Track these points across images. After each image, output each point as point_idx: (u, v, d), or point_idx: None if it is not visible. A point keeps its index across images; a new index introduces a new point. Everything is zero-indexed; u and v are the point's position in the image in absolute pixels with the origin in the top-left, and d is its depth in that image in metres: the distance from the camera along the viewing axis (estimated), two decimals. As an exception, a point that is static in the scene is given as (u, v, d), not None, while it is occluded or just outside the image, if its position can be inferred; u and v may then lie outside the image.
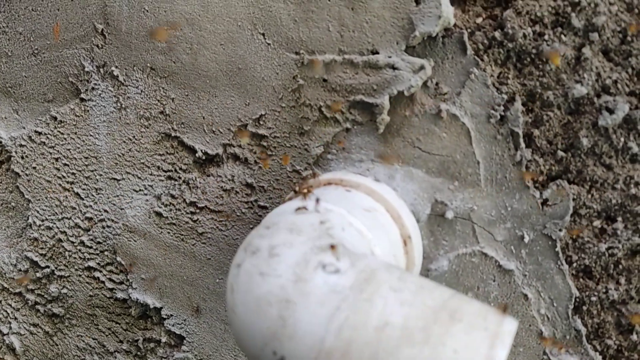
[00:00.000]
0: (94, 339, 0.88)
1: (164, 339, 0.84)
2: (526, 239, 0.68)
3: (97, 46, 0.79)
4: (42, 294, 0.89)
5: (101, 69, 0.80)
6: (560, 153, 0.65)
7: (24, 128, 0.86)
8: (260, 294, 0.48)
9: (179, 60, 0.76)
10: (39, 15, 0.82)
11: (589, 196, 0.66)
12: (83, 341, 0.89)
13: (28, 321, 0.91)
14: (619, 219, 0.65)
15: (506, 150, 0.66)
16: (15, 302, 0.91)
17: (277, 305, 0.47)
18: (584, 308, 0.68)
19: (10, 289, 0.90)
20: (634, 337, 0.67)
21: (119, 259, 0.83)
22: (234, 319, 0.50)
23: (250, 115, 0.75)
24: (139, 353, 0.86)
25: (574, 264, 0.67)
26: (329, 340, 0.44)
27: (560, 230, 0.66)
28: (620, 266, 0.66)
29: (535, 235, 0.67)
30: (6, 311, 0.92)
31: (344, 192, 0.63)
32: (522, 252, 0.68)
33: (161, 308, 0.83)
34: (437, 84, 0.67)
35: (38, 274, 0.88)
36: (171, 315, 0.82)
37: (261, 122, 0.75)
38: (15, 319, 0.92)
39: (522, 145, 0.65)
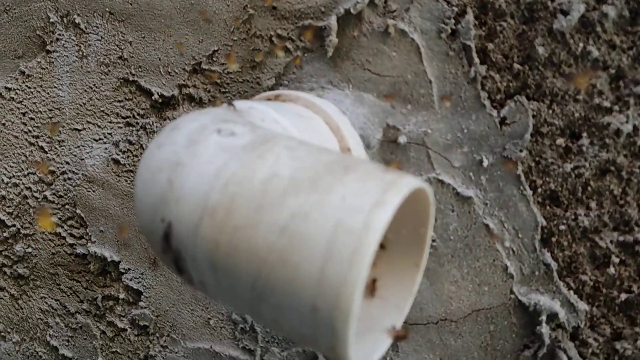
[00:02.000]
0: (56, 300, 0.84)
1: (122, 295, 0.79)
2: (485, 163, 0.61)
3: (61, -4, 0.79)
4: (9, 255, 0.86)
5: (64, 19, 0.79)
6: (517, 66, 0.59)
7: (-4, 86, 0.86)
8: (154, 163, 0.43)
9: (134, 1, 0.75)
10: (9, -29, 0.82)
11: (550, 112, 0.59)
12: (46, 303, 0.85)
13: (-5, 285, 0.88)
14: (584, 134, 0.58)
15: (459, 68, 0.61)
16: (-16, 265, 0.88)
17: (167, 169, 0.42)
18: (553, 240, 0.61)
19: (-21, 252, 0.88)
20: (611, 270, 0.59)
21: (78, 211, 0.80)
22: (135, 203, 0.46)
23: (203, 53, 0.72)
24: (98, 312, 0.82)
25: (539, 190, 0.61)
26: (213, 197, 0.39)
27: (520, 151, 0.60)
28: (590, 188, 0.59)
29: (495, 158, 0.61)
30: (-25, 275, 0.89)
31: (279, 103, 0.58)
32: (481, 178, 0.62)
33: (119, 262, 0.79)
34: (385, 1, 0.63)
35: (5, 234, 0.86)
36: (129, 269, 0.78)
37: (214, 58, 0.72)
38: (-16, 283, 0.89)
39: (476, 60, 0.60)
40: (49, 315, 0.85)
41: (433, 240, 0.64)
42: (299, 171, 0.39)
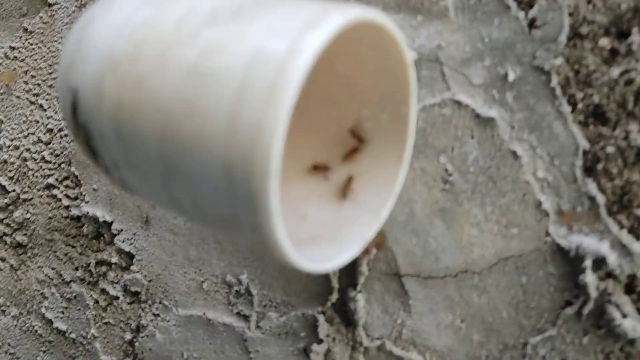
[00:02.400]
0: (52, 268, 0.78)
1: (114, 260, 0.72)
2: (511, 77, 0.50)
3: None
4: (9, 222, 0.81)
5: (64, -33, 0.75)
6: (548, -43, 0.48)
7: (2, 47, 0.82)
8: (69, 34, 0.36)
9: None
10: None
11: (591, 6, 0.48)
12: (43, 272, 0.79)
13: (-4, 256, 0.83)
14: (634, 29, 0.46)
15: (478, -34, 0.51)
16: (-13, 235, 0.84)
17: (78, 30, 0.34)
18: (599, 166, 0.48)
19: (-17, 221, 0.84)
20: (676, 201, 0.46)
21: (73, 169, 0.74)
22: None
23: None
24: (91, 279, 0.74)
25: (579, 105, 0.49)
26: (118, 47, 0.31)
27: (555, 57, 0.48)
28: (644, 97, 0.46)
29: (523, 70, 0.50)
30: (-21, 246, 0.85)
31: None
32: (507, 95, 0.51)
33: (112, 222, 0.71)
34: None
35: (6, 200, 0.81)
36: (121, 230, 0.71)
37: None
38: (-14, 254, 0.84)
39: (498, -46, 0.50)
40: (45, 285, 0.79)
41: (449, 174, 0.52)
42: (222, 2, 0.30)
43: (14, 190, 0.80)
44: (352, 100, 0.38)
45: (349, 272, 0.57)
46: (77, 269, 0.75)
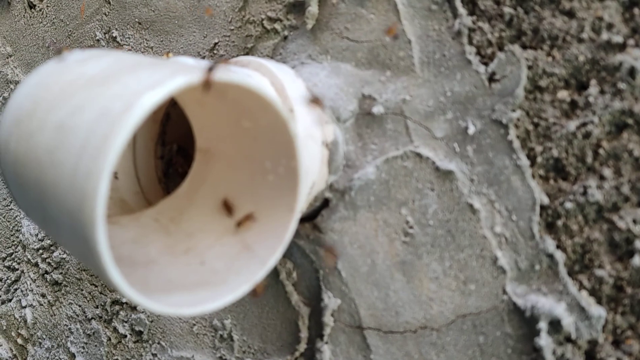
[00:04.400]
0: (79, 305, 0.81)
1: (125, 299, 0.74)
2: (471, 131, 0.48)
3: (105, 14, 0.82)
4: (50, 262, 0.86)
5: (106, 34, 0.82)
6: (509, 11, 0.47)
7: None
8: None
9: (156, 7, 0.74)
10: (72, 0, 0.88)
11: (550, 59, 0.45)
12: (71, 308, 0.83)
13: (39, 292, 0.88)
14: (592, 81, 0.43)
15: (443, 22, 0.50)
16: (33, 273, 0.90)
17: (8, 90, 0.37)
18: (559, 222, 0.44)
19: (31, 260, 0.90)
20: (638, 261, 0.41)
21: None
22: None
23: (206, 47, 0.69)
24: (107, 317, 0.77)
25: (538, 158, 0.45)
26: (24, 106, 0.33)
27: (513, 110, 0.46)
28: (602, 151, 0.43)
29: (483, 123, 0.48)
30: (26, 283, 0.91)
31: (226, 66, 0.51)
32: (467, 148, 0.48)
33: (126, 264, 0.74)
34: (364, -38, 0.55)
35: (49, 240, 0.86)
36: (133, 272, 0.73)
37: (214, 51, 0.68)
38: (32, 290, 0.90)
39: (461, 10, 0.49)
40: (72, 321, 0.82)
41: (410, 227, 0.50)
42: (104, 70, 0.31)
43: (55, 232, 0.85)
44: (257, 152, 0.38)
45: (317, 323, 0.55)
46: (97, 307, 0.78)
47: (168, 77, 0.28)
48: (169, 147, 0.54)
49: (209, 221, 0.40)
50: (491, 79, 0.47)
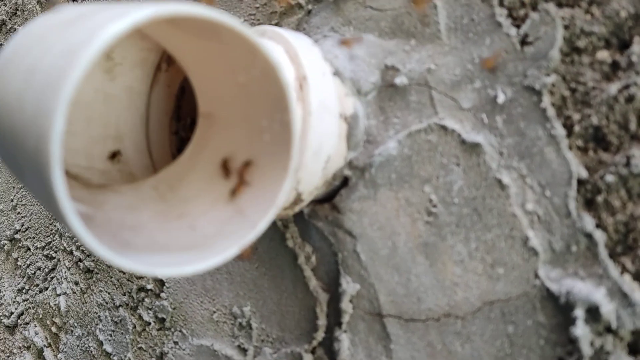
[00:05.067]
0: (108, 292, 0.81)
1: (150, 286, 0.72)
2: (501, 99, 0.44)
3: None
4: (83, 249, 0.87)
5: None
6: (543, -33, 0.42)
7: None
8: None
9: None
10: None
11: (588, 17, 0.40)
12: (101, 296, 0.82)
13: (73, 279, 0.89)
14: (635, 38, 0.38)
15: (472, -16, 0.46)
16: (68, 261, 0.90)
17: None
18: (599, 198, 0.39)
19: (67, 248, 0.90)
20: (691, 242, 0.36)
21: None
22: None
23: (232, 27, 0.67)
24: (133, 304, 0.76)
25: (576, 127, 0.41)
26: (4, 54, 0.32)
27: (547, 75, 0.41)
28: (649, 117, 0.38)
29: (514, 91, 0.43)
30: (62, 271, 0.91)
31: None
32: (496, 119, 0.44)
33: (152, 251, 0.73)
34: None
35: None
36: (158, 258, 0.72)
37: (239, 31, 0.66)
38: (66, 278, 0.90)
39: (491, -30, 0.45)
40: (101, 308, 0.82)
41: (434, 206, 0.46)
42: (82, 12, 0.29)
43: (88, 220, 0.85)
44: (253, 109, 0.35)
45: (336, 310, 0.52)
46: (124, 294, 0.77)
47: (134, 8, 0.25)
48: (182, 123, 0.52)
49: (206, 187, 0.37)
50: (523, 42, 0.43)
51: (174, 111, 0.52)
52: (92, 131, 0.43)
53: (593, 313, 0.38)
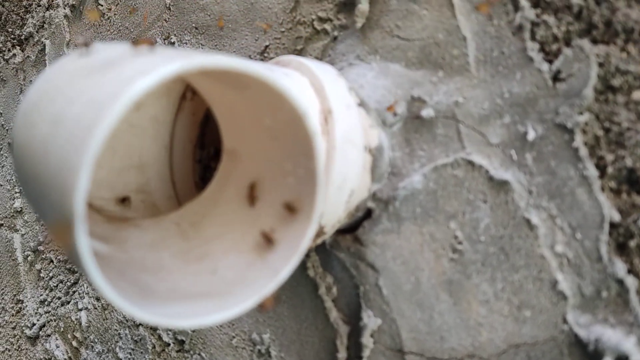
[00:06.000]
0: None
1: (170, 307, 0.72)
2: (531, 136, 0.43)
3: (165, 20, 0.82)
4: (106, 265, 0.87)
5: (165, 40, 0.82)
6: (577, 1, 0.41)
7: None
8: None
9: (212, 12, 0.73)
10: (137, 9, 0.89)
11: (624, 55, 0.39)
12: (122, 314, 0.82)
13: (94, 295, 0.89)
14: (674, 79, 0.37)
15: (503, 16, 0.45)
16: (90, 275, 0.90)
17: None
18: (631, 243, 0.38)
19: (89, 263, 0.90)
20: None
21: (150, 219, 0.77)
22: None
23: (257, 50, 0.67)
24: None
25: (609, 169, 0.39)
26: (30, 98, 0.32)
27: (580, 113, 0.40)
28: (687, 161, 0.36)
29: (545, 128, 0.42)
30: (84, 285, 0.92)
31: (269, 65, 0.49)
32: (526, 156, 0.43)
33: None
34: (419, -45, 0.51)
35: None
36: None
37: (265, 54, 0.65)
38: (87, 293, 0.91)
39: (524, 2, 0.44)
40: (122, 326, 0.82)
41: (459, 243, 0.45)
42: (108, 59, 0.29)
43: (111, 236, 0.86)
44: (278, 152, 0.34)
45: (356, 344, 0.51)
46: (145, 313, 0.77)
47: (162, 62, 0.25)
48: (206, 151, 0.52)
49: (228, 224, 0.37)
50: (555, 78, 0.42)
51: (198, 139, 0.52)
52: (116, 162, 0.43)
53: (624, 364, 0.36)
